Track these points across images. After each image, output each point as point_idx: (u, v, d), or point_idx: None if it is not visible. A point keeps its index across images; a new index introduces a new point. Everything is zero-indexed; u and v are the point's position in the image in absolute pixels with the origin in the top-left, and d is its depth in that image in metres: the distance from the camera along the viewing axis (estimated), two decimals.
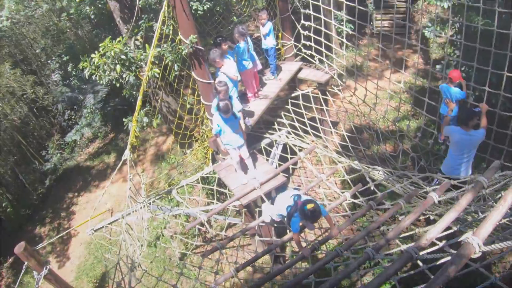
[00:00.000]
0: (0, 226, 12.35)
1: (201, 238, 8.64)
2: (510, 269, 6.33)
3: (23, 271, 6.46)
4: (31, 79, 13.38)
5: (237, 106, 6.45)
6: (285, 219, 5.12)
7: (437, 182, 6.10)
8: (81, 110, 14.67)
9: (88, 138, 14.66)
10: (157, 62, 7.33)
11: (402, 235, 4.88)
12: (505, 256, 6.42)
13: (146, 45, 7.16)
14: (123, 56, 7.50)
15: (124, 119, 7.50)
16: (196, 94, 7.44)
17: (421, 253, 3.15)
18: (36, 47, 15.29)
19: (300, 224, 4.90)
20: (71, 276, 9.88)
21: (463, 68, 7.46)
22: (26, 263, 6.38)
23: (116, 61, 7.74)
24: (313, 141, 7.66)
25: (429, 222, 5.46)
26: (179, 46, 6.47)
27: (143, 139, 11.79)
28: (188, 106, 7.92)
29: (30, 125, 14.95)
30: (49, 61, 14.99)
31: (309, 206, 4.45)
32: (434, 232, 3.00)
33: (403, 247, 4.38)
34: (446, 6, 8.20)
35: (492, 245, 2.52)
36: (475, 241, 2.37)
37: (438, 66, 8.09)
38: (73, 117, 15.28)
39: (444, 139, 7.49)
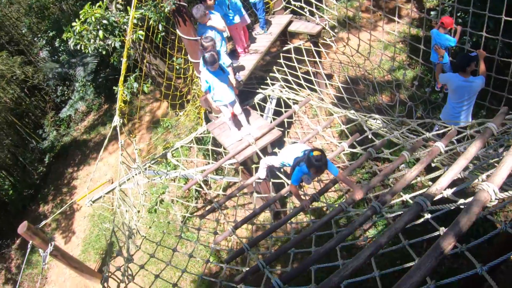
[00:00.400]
0: (4, 209, 12.24)
1: (202, 200, 8.48)
2: None
3: (28, 250, 6.36)
4: (19, 59, 12.95)
5: (226, 60, 6.16)
6: (290, 168, 4.82)
7: (437, 129, 5.88)
8: (73, 84, 14.34)
9: (83, 111, 14.39)
10: (140, 24, 7.02)
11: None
12: (506, 205, 6.26)
13: (128, 7, 6.83)
14: (104, 21, 7.19)
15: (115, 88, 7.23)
16: (183, 53, 7.13)
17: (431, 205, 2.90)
18: (21, 27, 14.79)
19: (302, 177, 4.64)
20: (78, 250, 9.84)
21: (458, 14, 7.13)
22: (30, 242, 6.29)
23: (98, 27, 7.44)
24: (308, 94, 7.38)
25: (430, 169, 5.25)
26: (161, 4, 6.12)
27: (137, 106, 11.51)
28: (177, 67, 7.64)
29: (23, 106, 14.66)
30: (35, 39, 14.54)
31: (316, 153, 4.17)
32: (444, 181, 2.80)
33: (406, 196, 4.16)
34: None
35: (510, 192, 2.32)
36: (491, 188, 2.15)
37: (432, 13, 7.73)
38: (65, 92, 14.95)
39: (441, 87, 7.24)
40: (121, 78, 7.09)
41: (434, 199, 2.91)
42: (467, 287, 5.43)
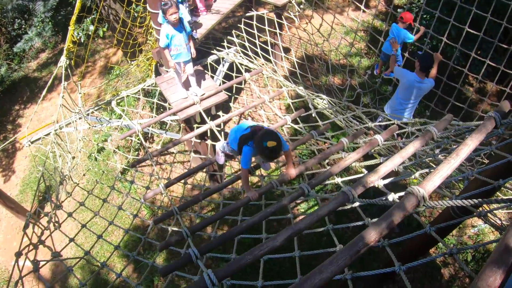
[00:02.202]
0: None
1: (143, 153, 8.04)
2: (439, 218, 6.27)
3: None
4: None
5: (186, 17, 5.67)
6: (236, 149, 3.85)
7: (380, 120, 5.76)
8: (31, 19, 13.13)
9: (38, 48, 13.26)
10: None
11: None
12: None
13: None
14: None
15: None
16: (142, 1, 6.55)
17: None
18: None
19: (253, 159, 3.94)
20: (16, 190, 9.17)
21: (425, 16, 7.00)
22: None
23: None
24: (262, 64, 7.03)
25: (367, 157, 5.12)
26: None
27: (94, 50, 10.69)
28: (135, 14, 7.05)
29: None
30: None
31: (270, 143, 3.17)
32: (375, 176, 2.64)
33: (338, 180, 4.01)
34: None
35: (439, 202, 2.16)
36: (421, 193, 2.02)
37: (399, 10, 7.54)
38: (23, 26, 13.69)
39: (380, 73, 7.14)
40: (73, 18, 6.41)
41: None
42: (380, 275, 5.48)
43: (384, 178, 2.93)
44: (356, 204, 3.02)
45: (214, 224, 4.44)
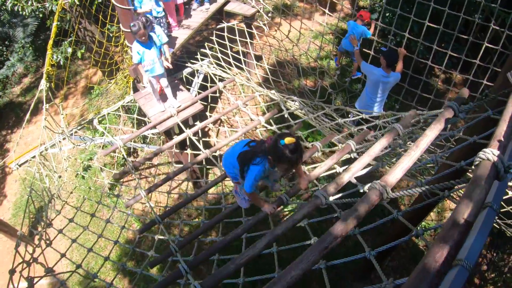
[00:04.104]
0: None
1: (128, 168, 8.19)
2: (414, 204, 6.53)
3: None
4: None
5: (163, 38, 5.81)
6: (237, 172, 3.10)
7: (352, 117, 5.98)
8: (12, 45, 13.23)
9: (20, 73, 13.35)
10: None
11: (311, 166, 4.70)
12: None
13: None
14: None
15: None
16: (116, 21, 6.73)
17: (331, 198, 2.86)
18: None
19: (263, 180, 3.27)
20: (8, 214, 9.24)
21: (387, 14, 7.27)
22: None
23: None
24: (236, 73, 7.24)
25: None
26: None
27: (74, 71, 10.83)
28: (110, 34, 7.24)
29: None
30: None
31: (289, 139, 2.55)
32: (345, 176, 2.78)
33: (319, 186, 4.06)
34: None
35: (400, 192, 2.32)
36: (383, 187, 2.18)
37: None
38: (4, 53, 13.78)
39: (341, 64, 7.41)
40: (50, 42, 6.61)
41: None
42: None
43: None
44: (330, 200, 3.09)
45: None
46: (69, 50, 8.07)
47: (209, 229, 4.01)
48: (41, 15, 8.00)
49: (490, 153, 1.82)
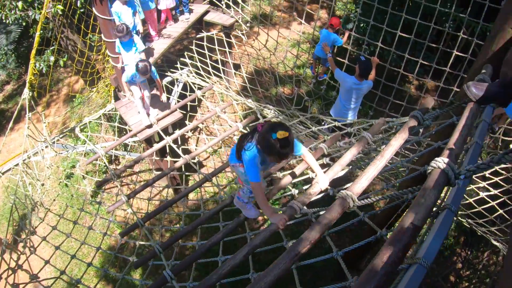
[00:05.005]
0: None
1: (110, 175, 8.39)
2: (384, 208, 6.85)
3: None
4: None
5: (140, 46, 6.09)
6: (232, 163, 3.01)
7: (326, 125, 6.25)
8: None
9: (3, 80, 13.42)
10: None
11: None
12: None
13: None
14: None
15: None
16: (97, 31, 6.97)
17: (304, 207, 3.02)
18: None
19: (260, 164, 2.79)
20: None
21: (361, 25, 7.59)
22: None
23: None
24: (215, 82, 7.53)
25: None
26: None
27: (57, 79, 10.99)
28: (92, 43, 7.46)
29: None
30: None
31: (281, 134, 2.41)
32: (317, 187, 2.94)
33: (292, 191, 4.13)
34: None
35: (367, 200, 2.50)
36: (349, 196, 2.32)
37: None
38: None
39: (318, 75, 7.73)
40: (33, 52, 6.81)
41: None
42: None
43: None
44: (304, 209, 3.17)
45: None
46: (52, 58, 8.26)
47: (189, 234, 4.24)
48: (24, 23, 8.18)
49: (441, 162, 2.03)
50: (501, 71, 2.59)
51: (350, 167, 3.89)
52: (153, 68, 5.70)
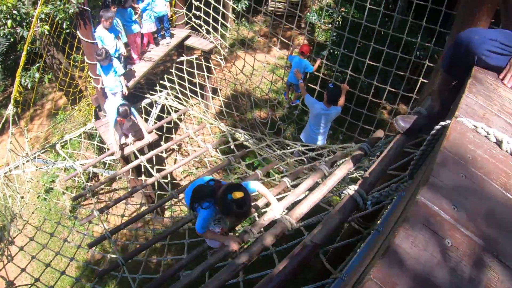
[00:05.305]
0: None
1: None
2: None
3: None
4: None
5: (120, 70, 6.49)
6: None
7: (296, 154, 6.46)
8: None
9: None
10: (47, 19, 7.18)
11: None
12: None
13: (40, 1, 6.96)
14: (15, 12, 7.29)
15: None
16: (81, 52, 7.37)
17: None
18: None
19: (214, 221, 3.17)
20: None
21: (335, 52, 7.97)
22: None
23: (8, 16, 7.49)
24: (194, 105, 7.95)
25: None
26: (67, 5, 6.37)
27: (42, 93, 11.31)
28: (76, 64, 7.86)
29: None
30: None
31: (237, 194, 2.64)
32: (271, 214, 3.16)
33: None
34: None
35: (303, 222, 2.77)
36: (288, 220, 2.58)
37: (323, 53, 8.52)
38: None
39: (291, 100, 8.15)
40: (19, 70, 7.19)
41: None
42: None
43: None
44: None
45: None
46: (37, 75, 8.62)
47: (153, 244, 4.59)
48: (12, 39, 8.56)
49: (352, 189, 2.36)
50: (429, 104, 2.83)
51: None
52: (133, 109, 6.10)
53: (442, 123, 1.44)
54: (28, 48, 7.24)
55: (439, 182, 1.12)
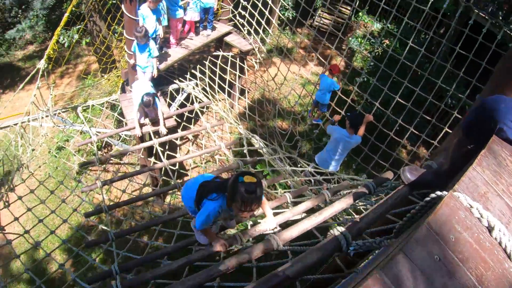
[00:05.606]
0: None
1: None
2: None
3: None
4: None
5: (154, 52, 6.60)
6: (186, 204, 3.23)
7: (307, 174, 6.29)
8: (28, 11, 14.00)
9: (27, 40, 14.08)
10: None
11: None
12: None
13: None
14: None
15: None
16: (121, 26, 7.54)
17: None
18: None
19: (219, 217, 3.02)
20: None
21: (370, 81, 7.92)
22: None
23: None
24: (219, 100, 8.01)
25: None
26: None
27: (77, 54, 11.56)
28: (115, 34, 8.03)
29: None
30: None
31: (248, 178, 2.53)
32: (263, 226, 3.23)
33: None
34: (378, 27, 8.76)
35: (289, 247, 2.87)
36: (275, 241, 2.63)
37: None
38: (19, 15, 14.54)
39: (313, 117, 8.15)
40: (59, 28, 7.35)
41: None
42: None
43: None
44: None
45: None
46: (76, 36, 8.84)
47: (145, 229, 4.67)
48: None
49: (337, 231, 2.35)
50: (439, 161, 2.79)
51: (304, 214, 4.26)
52: (156, 100, 6.24)
53: (439, 193, 1.41)
54: (72, 10, 7.40)
55: (408, 261, 1.06)
